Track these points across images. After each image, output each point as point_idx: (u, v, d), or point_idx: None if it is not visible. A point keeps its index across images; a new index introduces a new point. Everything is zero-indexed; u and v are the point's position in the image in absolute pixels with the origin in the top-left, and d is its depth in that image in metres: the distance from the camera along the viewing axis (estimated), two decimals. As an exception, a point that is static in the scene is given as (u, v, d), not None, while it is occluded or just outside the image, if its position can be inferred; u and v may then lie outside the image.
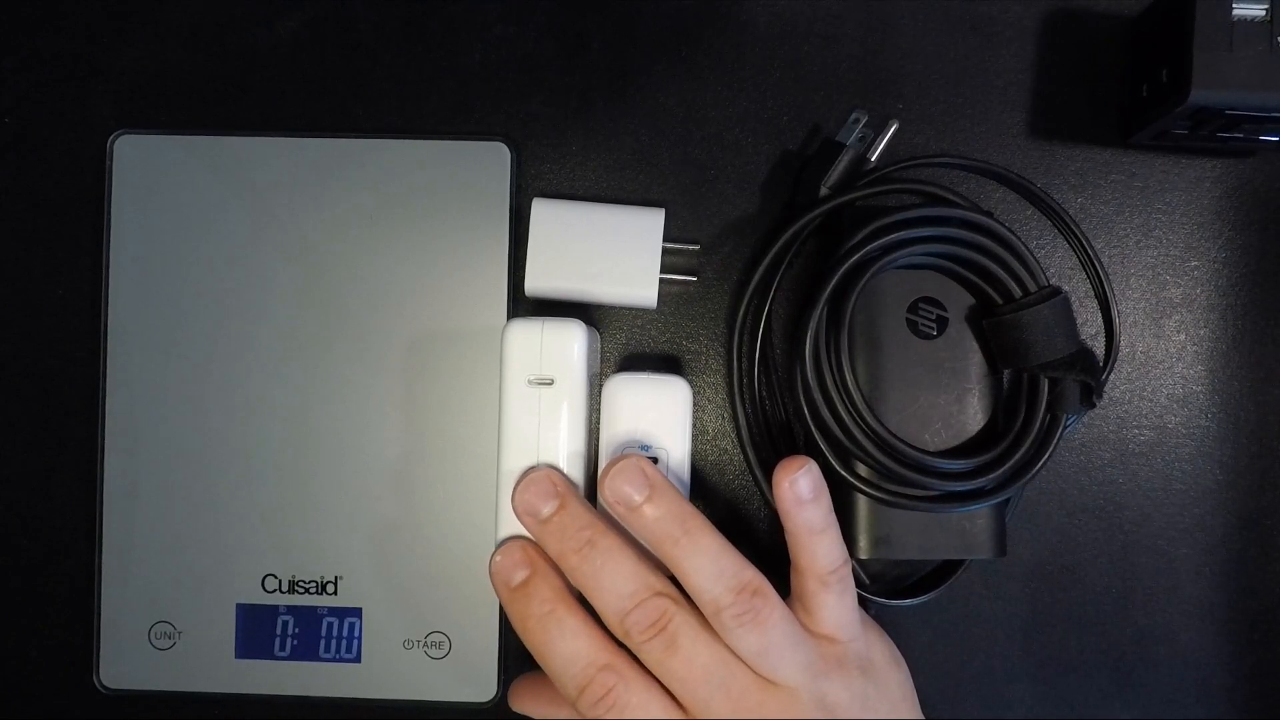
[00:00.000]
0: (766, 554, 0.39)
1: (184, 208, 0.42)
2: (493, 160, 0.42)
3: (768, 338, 0.42)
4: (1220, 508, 0.43)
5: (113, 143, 0.42)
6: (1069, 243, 0.42)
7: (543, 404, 0.37)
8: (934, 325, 0.39)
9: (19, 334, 0.43)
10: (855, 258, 0.38)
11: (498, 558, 0.36)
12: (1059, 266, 0.43)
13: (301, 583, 0.42)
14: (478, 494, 0.42)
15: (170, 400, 0.42)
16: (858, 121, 0.40)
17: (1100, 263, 0.42)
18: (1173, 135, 0.40)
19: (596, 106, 0.43)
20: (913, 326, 0.39)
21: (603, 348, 0.43)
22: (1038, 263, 0.38)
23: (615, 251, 0.40)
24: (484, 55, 0.43)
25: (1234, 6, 0.36)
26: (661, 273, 0.40)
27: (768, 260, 0.41)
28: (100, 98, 0.43)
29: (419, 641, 0.42)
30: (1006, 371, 0.39)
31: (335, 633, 0.42)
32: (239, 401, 0.42)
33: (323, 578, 0.42)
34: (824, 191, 0.40)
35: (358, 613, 0.42)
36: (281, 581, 0.42)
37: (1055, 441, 0.38)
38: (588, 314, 0.42)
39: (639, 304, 0.41)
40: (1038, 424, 0.38)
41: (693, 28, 0.43)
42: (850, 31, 0.43)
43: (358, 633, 0.42)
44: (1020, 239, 0.38)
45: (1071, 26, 0.43)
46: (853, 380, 0.37)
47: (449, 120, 0.43)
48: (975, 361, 0.39)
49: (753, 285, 0.41)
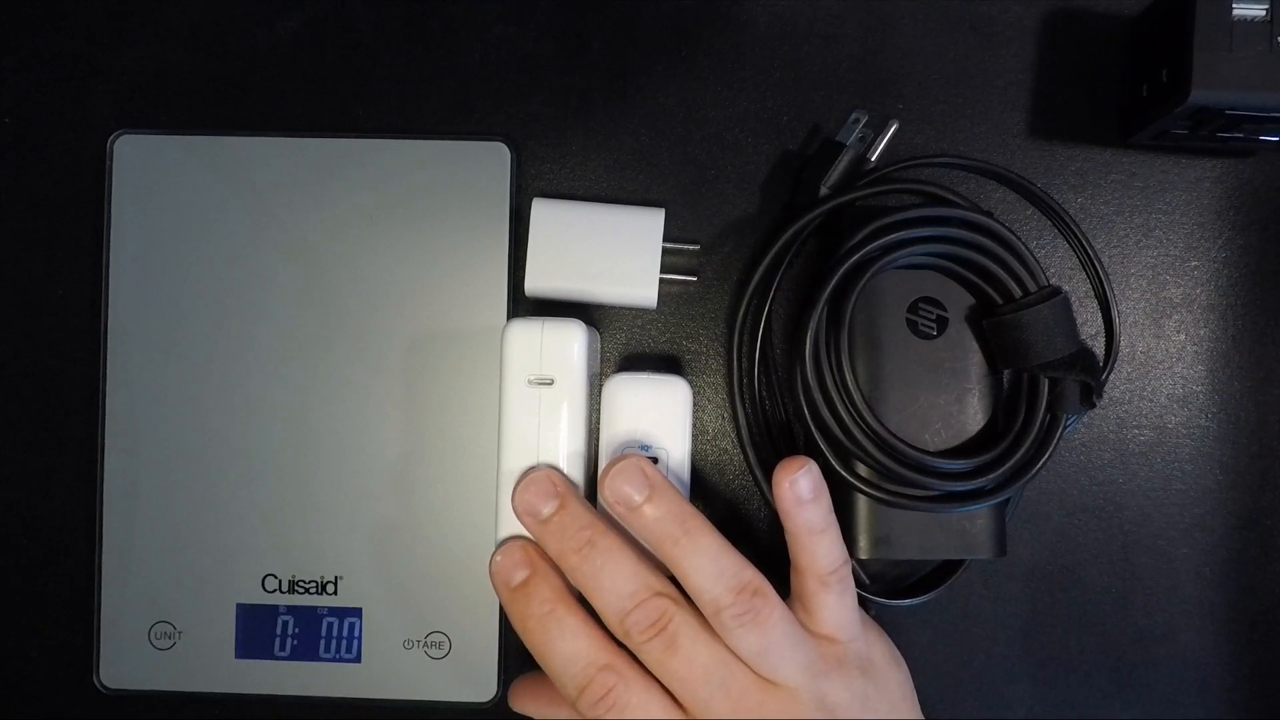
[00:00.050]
0: (766, 554, 0.39)
1: (184, 208, 0.42)
2: (493, 160, 0.42)
3: (768, 338, 0.42)
4: (1220, 508, 0.43)
5: (113, 143, 0.42)
6: (1069, 243, 0.42)
7: (543, 404, 0.37)
8: (934, 325, 0.39)
9: (19, 334, 0.43)
10: (855, 258, 0.38)
11: (498, 558, 0.36)
12: (1059, 266, 0.43)
13: (301, 583, 0.42)
14: (478, 494, 0.42)
15: (170, 400, 0.42)
16: (858, 121, 0.40)
17: (1100, 263, 0.42)
18: (1173, 135, 0.40)
19: (596, 106, 0.43)
20: (913, 326, 0.39)
21: (603, 348, 0.43)
22: (1038, 263, 0.38)
23: (615, 251, 0.40)
24: (484, 55, 0.43)
25: (1234, 6, 0.36)
26: (661, 273, 0.40)
27: (768, 260, 0.41)
28: (100, 98, 0.43)
29: (419, 641, 0.42)
30: (1006, 371, 0.39)
31: (335, 633, 0.42)
32: (239, 401, 0.42)
33: (323, 578, 0.42)
34: (824, 191, 0.40)
35: (358, 613, 0.42)
36: (281, 581, 0.42)
37: (1055, 441, 0.38)
38: (588, 314, 0.42)
39: (639, 304, 0.41)
40: (1038, 424, 0.38)
41: (693, 28, 0.43)
42: (850, 31, 0.43)
43: (358, 633, 0.42)
44: (1020, 239, 0.38)
45: (1071, 26, 0.43)
46: (853, 380, 0.37)
47: (449, 120, 0.43)
48: (975, 361, 0.39)
49: (753, 285, 0.41)
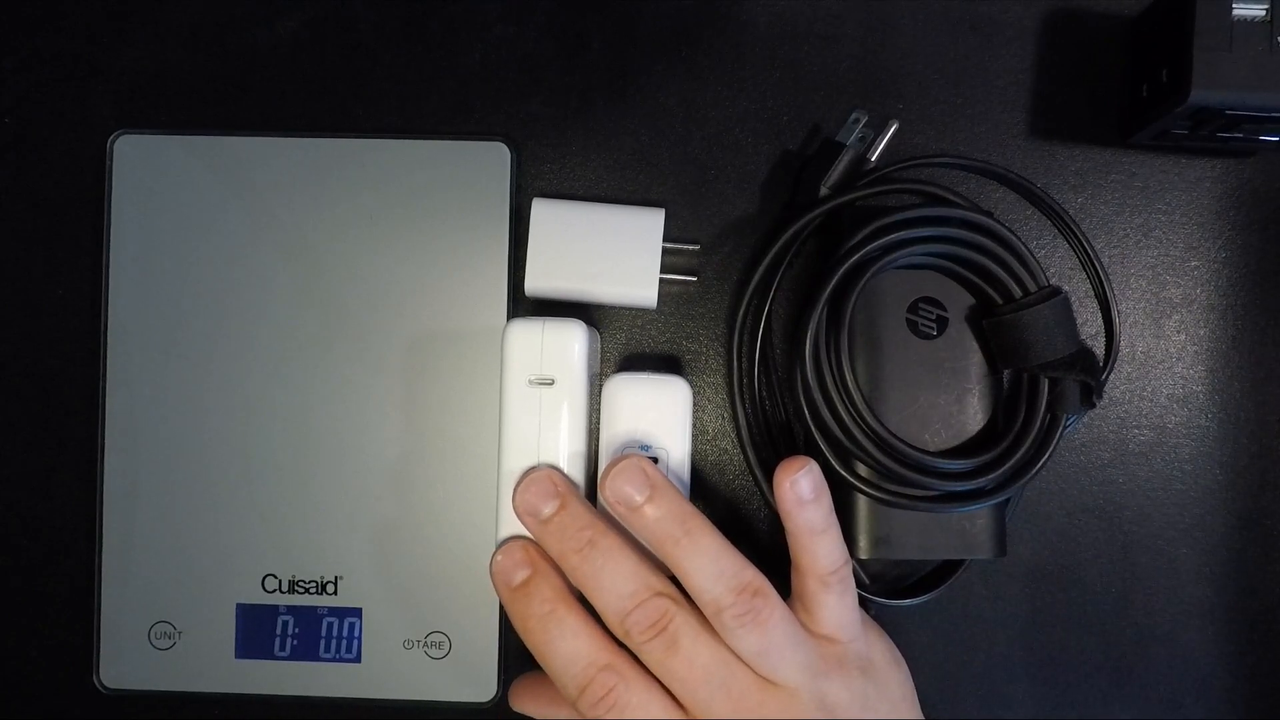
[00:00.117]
0: (766, 554, 0.39)
1: (184, 208, 0.42)
2: (493, 160, 0.42)
3: (768, 338, 0.42)
4: (1220, 508, 0.43)
5: (113, 143, 0.42)
6: (1069, 243, 0.42)
7: (543, 404, 0.37)
8: (934, 325, 0.39)
9: (19, 334, 0.43)
10: (855, 258, 0.38)
11: (499, 557, 0.36)
12: (1059, 266, 0.43)
13: (301, 583, 0.42)
14: (478, 494, 0.42)
15: (170, 400, 0.42)
16: (858, 121, 0.40)
17: (1100, 263, 0.42)
18: (1173, 135, 0.40)
19: (596, 106, 0.43)
20: (913, 326, 0.39)
21: (603, 348, 0.43)
22: (1038, 263, 0.38)
23: (615, 251, 0.40)
24: (484, 55, 0.43)
25: (1234, 6, 0.36)
26: (661, 273, 0.40)
27: (768, 260, 0.41)
28: (100, 98, 0.43)
29: (419, 641, 0.42)
30: (1006, 371, 0.39)
31: (335, 633, 0.42)
32: (239, 401, 0.42)
33: (323, 578, 0.42)
34: (824, 191, 0.40)
35: (358, 613, 0.42)
36: (281, 581, 0.42)
37: (1055, 441, 0.38)
38: (588, 314, 0.42)
39: (639, 304, 0.41)
40: (1038, 424, 0.38)
41: (693, 28, 0.43)
42: (850, 31, 0.43)
43: (358, 633, 0.42)
44: (1020, 239, 0.38)
45: (1071, 26, 0.43)
46: (853, 380, 0.37)
47: (449, 120, 0.43)
48: (975, 361, 0.39)
49: (753, 285, 0.41)
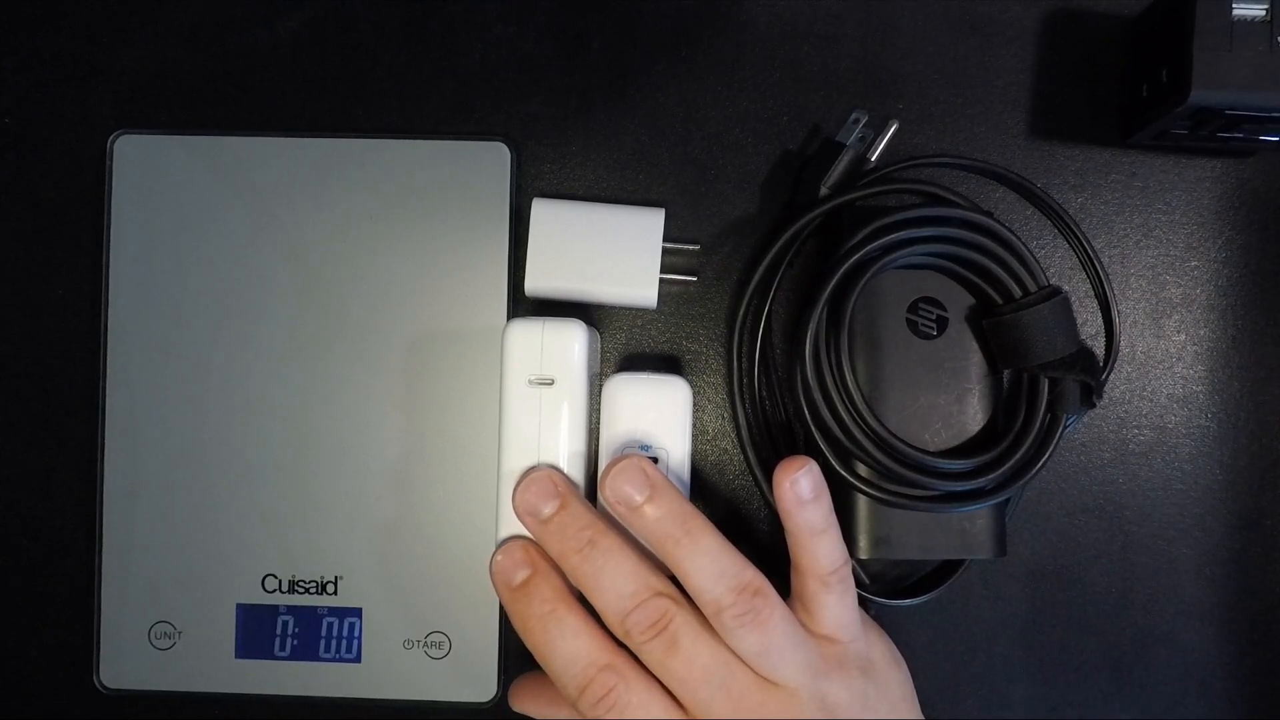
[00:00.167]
0: (766, 554, 0.39)
1: (184, 208, 0.42)
2: (493, 160, 0.42)
3: (768, 338, 0.42)
4: (1220, 508, 0.43)
5: (113, 143, 0.42)
6: (1069, 243, 0.42)
7: (543, 404, 0.37)
8: (934, 325, 0.39)
9: (19, 334, 0.43)
10: (855, 258, 0.38)
11: (499, 557, 0.36)
12: (1059, 266, 0.43)
13: (301, 583, 0.42)
14: (478, 494, 0.42)
15: (170, 400, 0.42)
16: (858, 121, 0.40)
17: (1100, 263, 0.42)
18: (1173, 135, 0.40)
19: (596, 106, 0.43)
20: (913, 326, 0.39)
21: (603, 348, 0.43)
22: (1038, 263, 0.38)
23: (615, 251, 0.40)
24: (484, 55, 0.43)
25: (1234, 6, 0.36)
26: (661, 273, 0.40)
27: (768, 260, 0.41)
28: (100, 98, 0.43)
29: (419, 641, 0.42)
30: (1006, 371, 0.39)
31: (335, 633, 0.42)
32: (239, 401, 0.42)
33: (323, 578, 0.42)
34: (824, 191, 0.40)
35: (358, 613, 0.42)
36: (281, 581, 0.42)
37: (1055, 441, 0.38)
38: (588, 314, 0.42)
39: (639, 304, 0.41)
40: (1038, 424, 0.38)
41: (693, 28, 0.43)
42: (850, 31, 0.43)
43: (358, 633, 0.42)
44: (1020, 239, 0.38)
45: (1071, 26, 0.43)
46: (853, 380, 0.37)
47: (449, 120, 0.43)
48: (975, 361, 0.39)
49: (753, 285, 0.41)
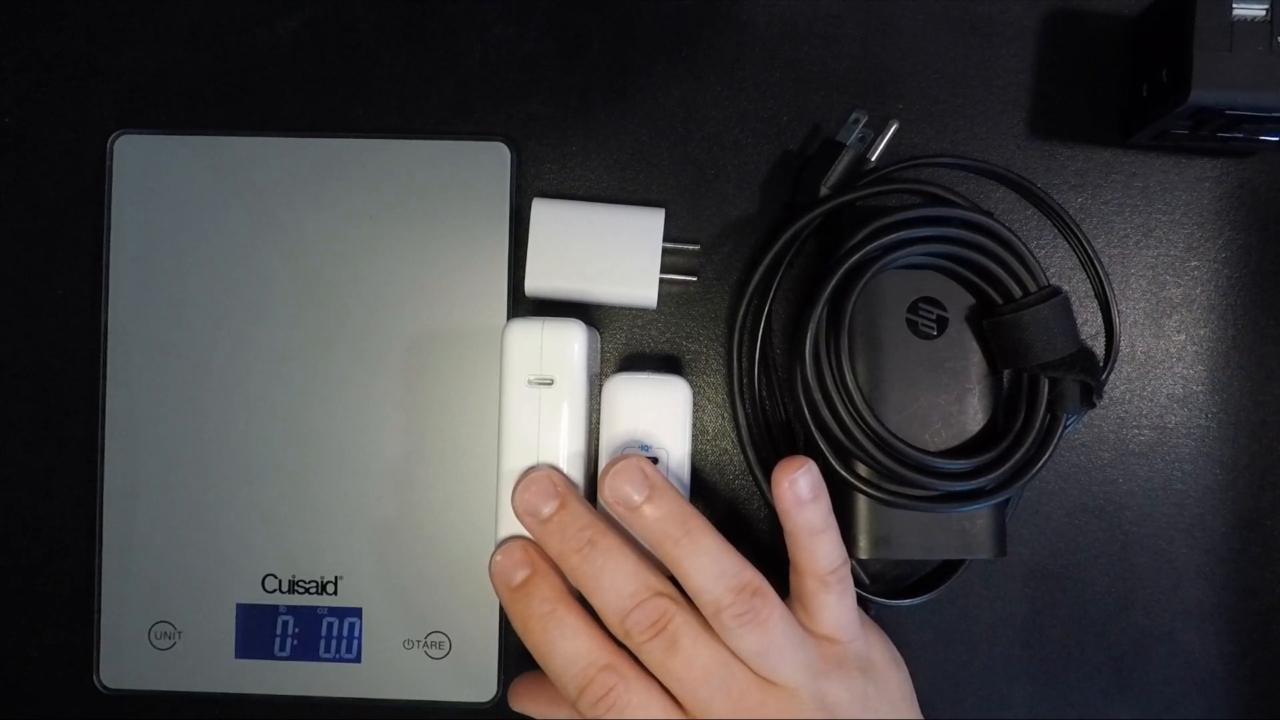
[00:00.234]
0: (766, 554, 0.39)
1: (184, 208, 0.42)
2: (493, 160, 0.42)
3: (768, 338, 0.42)
4: (1220, 508, 0.43)
5: (113, 143, 0.42)
6: (1069, 243, 0.42)
7: (543, 404, 0.37)
8: (934, 325, 0.39)
9: (19, 334, 0.43)
10: (855, 258, 0.38)
11: (498, 557, 0.36)
12: (1059, 266, 0.43)
13: (301, 583, 0.42)
14: (478, 494, 0.42)
15: (170, 400, 0.42)
16: (858, 121, 0.40)
17: (1100, 263, 0.42)
18: (1173, 135, 0.40)
19: (596, 106, 0.43)
20: (913, 326, 0.39)
21: (603, 348, 0.43)
22: (1038, 263, 0.38)
23: (615, 251, 0.40)
24: (484, 55, 0.43)
25: (1234, 6, 0.36)
26: (661, 273, 0.40)
27: (768, 260, 0.41)
28: (100, 98, 0.43)
29: (419, 641, 0.42)
30: (1006, 371, 0.39)
31: (335, 633, 0.42)
32: (239, 401, 0.42)
33: (323, 578, 0.42)
34: (824, 191, 0.40)
35: (358, 613, 0.42)
36: (281, 581, 0.42)
37: (1055, 441, 0.38)
38: (588, 314, 0.42)
39: (639, 304, 0.41)
40: (1038, 424, 0.38)
41: (693, 28, 0.43)
42: (850, 31, 0.43)
43: (358, 633, 0.42)
44: (1020, 239, 0.38)
45: (1071, 26, 0.43)
46: (853, 380, 0.37)
47: (449, 120, 0.43)
48: (975, 361, 0.39)
49: (753, 285, 0.41)
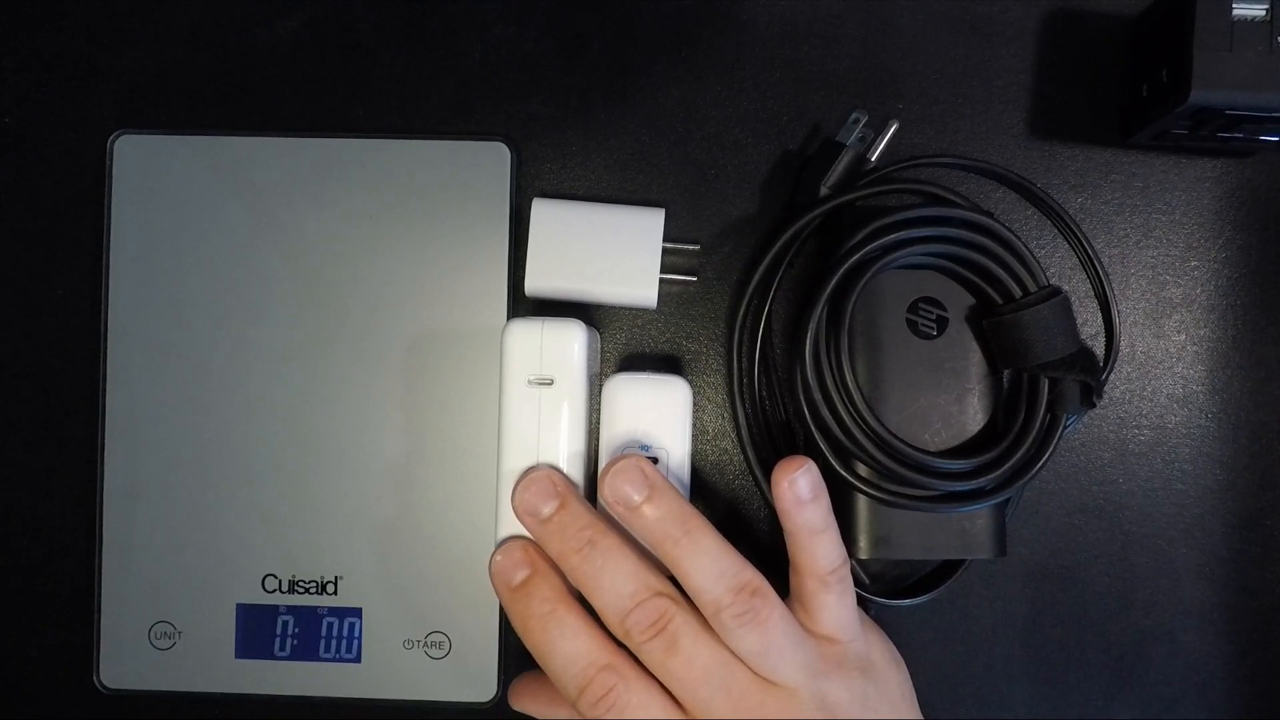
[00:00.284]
0: (766, 554, 0.39)
1: (184, 208, 0.42)
2: (493, 160, 0.42)
3: (768, 338, 0.42)
4: (1220, 508, 0.43)
5: (113, 143, 0.42)
6: (1069, 243, 0.42)
7: (543, 404, 0.37)
8: (934, 325, 0.39)
9: (19, 334, 0.43)
10: (855, 258, 0.38)
11: (498, 557, 0.36)
12: (1059, 266, 0.43)
13: (301, 583, 0.42)
14: (478, 494, 0.42)
15: (170, 400, 0.42)
16: (858, 121, 0.40)
17: (1100, 263, 0.42)
18: (1173, 135, 0.40)
19: (596, 106, 0.43)
20: (913, 326, 0.39)
21: (603, 348, 0.43)
22: (1038, 263, 0.38)
23: (615, 251, 0.40)
24: (484, 55, 0.43)
25: (1234, 6, 0.36)
26: (661, 273, 0.40)
27: (768, 260, 0.41)
28: (100, 98, 0.43)
29: (419, 641, 0.42)
30: (1006, 371, 0.39)
31: (335, 633, 0.42)
32: (239, 401, 0.42)
33: (323, 578, 0.42)
34: (824, 191, 0.40)
35: (358, 613, 0.42)
36: (281, 581, 0.42)
37: (1055, 441, 0.38)
38: (588, 314, 0.42)
39: (639, 304, 0.41)
40: (1038, 424, 0.38)
41: (693, 28, 0.43)
42: (850, 31, 0.43)
43: (358, 633, 0.42)
44: (1020, 239, 0.38)
45: (1071, 26, 0.43)
46: (853, 380, 0.37)
47: (449, 120, 0.43)
48: (975, 361, 0.39)
49: (753, 285, 0.41)
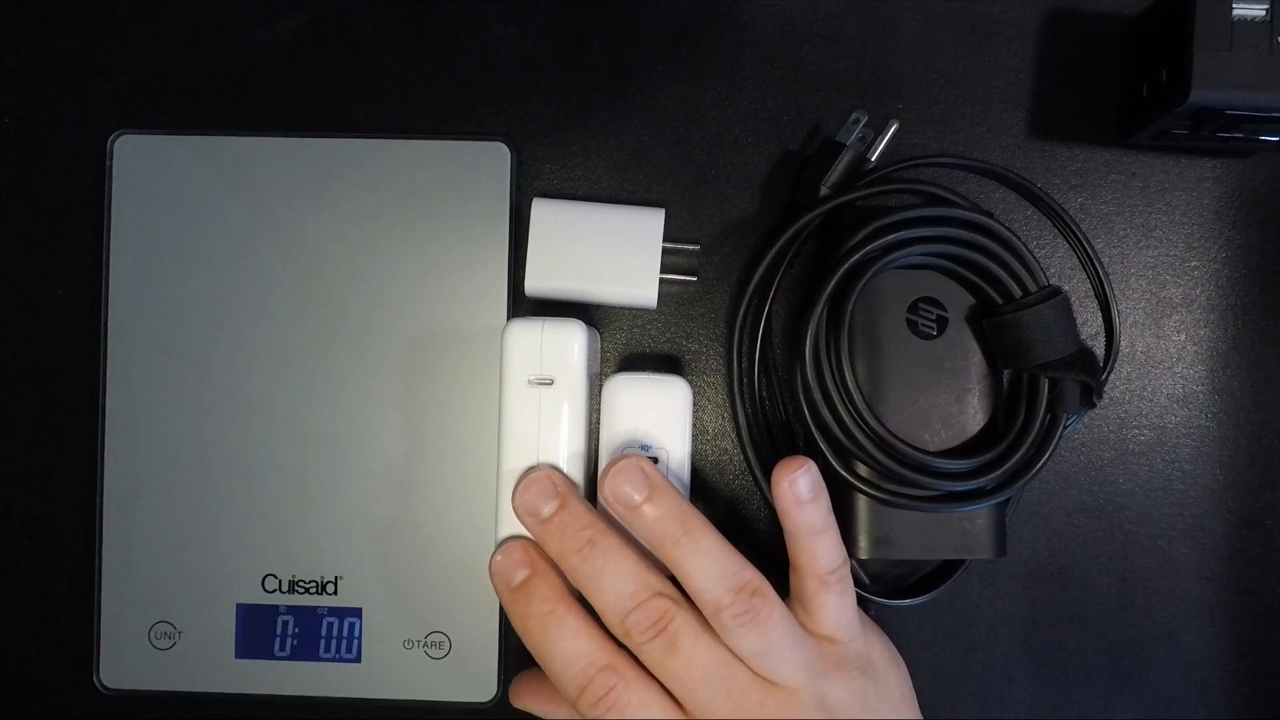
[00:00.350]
0: (766, 554, 0.39)
1: (184, 208, 0.42)
2: (493, 160, 0.42)
3: (768, 338, 0.42)
4: (1220, 508, 0.43)
5: (113, 143, 0.42)
6: (1069, 243, 0.42)
7: (543, 404, 0.37)
8: (934, 325, 0.39)
9: (19, 334, 0.43)
10: (855, 258, 0.38)
11: (498, 557, 0.36)
12: (1059, 266, 0.43)
13: (301, 583, 0.42)
14: (478, 494, 0.42)
15: (170, 400, 0.42)
16: (858, 121, 0.40)
17: (1100, 263, 0.42)
18: (1173, 135, 0.40)
19: (596, 106, 0.43)
20: (913, 326, 0.39)
21: (603, 348, 0.43)
22: (1038, 263, 0.38)
23: (615, 251, 0.40)
24: (484, 55, 0.43)
25: (1234, 6, 0.36)
26: (661, 273, 0.40)
27: (768, 260, 0.41)
28: (100, 98, 0.43)
29: (419, 641, 0.42)
30: (1006, 371, 0.39)
31: (335, 633, 0.42)
32: (239, 401, 0.42)
33: (323, 578, 0.42)
34: (824, 191, 0.40)
35: (358, 613, 0.42)
36: (281, 581, 0.42)
37: (1055, 441, 0.38)
38: (588, 314, 0.42)
39: (639, 304, 0.41)
40: (1038, 424, 0.38)
41: (693, 28, 0.43)
42: (850, 31, 0.43)
43: (358, 633, 0.42)
44: (1020, 239, 0.38)
45: (1071, 26, 0.43)
46: (853, 380, 0.37)
47: (449, 120, 0.43)
48: (975, 361, 0.39)
49: (753, 285, 0.41)
